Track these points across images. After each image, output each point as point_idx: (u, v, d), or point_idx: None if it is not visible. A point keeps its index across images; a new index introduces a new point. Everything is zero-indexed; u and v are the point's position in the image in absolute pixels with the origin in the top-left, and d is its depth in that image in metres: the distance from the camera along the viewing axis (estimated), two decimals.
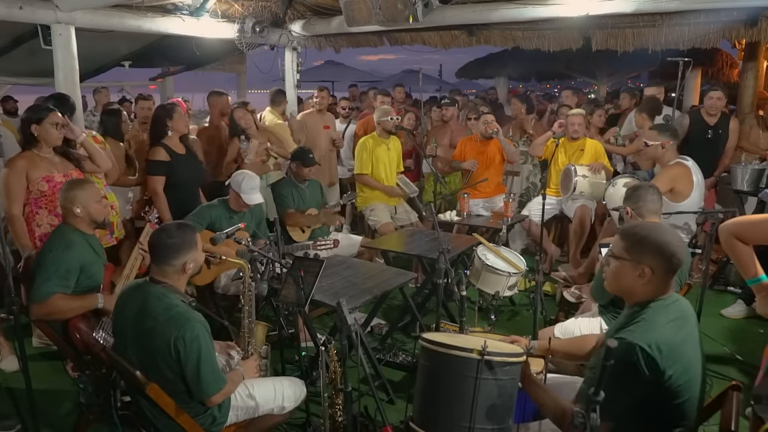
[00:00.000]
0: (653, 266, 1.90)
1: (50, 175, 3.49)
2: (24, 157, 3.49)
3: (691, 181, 3.95)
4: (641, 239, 1.94)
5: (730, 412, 1.94)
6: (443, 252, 2.92)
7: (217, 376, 2.30)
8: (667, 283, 1.94)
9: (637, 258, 1.93)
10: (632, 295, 1.99)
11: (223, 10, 5.73)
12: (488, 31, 6.23)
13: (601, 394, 1.57)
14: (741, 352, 3.86)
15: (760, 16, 5.03)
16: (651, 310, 1.91)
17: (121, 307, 2.39)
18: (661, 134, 4.13)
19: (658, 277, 1.91)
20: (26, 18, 4.41)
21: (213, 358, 2.29)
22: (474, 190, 5.29)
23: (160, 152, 4.18)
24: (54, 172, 3.52)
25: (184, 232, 2.37)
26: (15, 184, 3.41)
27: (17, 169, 3.43)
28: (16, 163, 3.46)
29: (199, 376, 2.23)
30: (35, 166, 3.46)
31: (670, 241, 1.92)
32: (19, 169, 3.43)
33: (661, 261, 1.90)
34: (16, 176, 3.42)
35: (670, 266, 1.91)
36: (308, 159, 4.49)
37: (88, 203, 2.99)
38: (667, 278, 1.93)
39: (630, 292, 1.99)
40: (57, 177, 3.51)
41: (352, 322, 2.39)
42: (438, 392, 2.07)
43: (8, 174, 3.43)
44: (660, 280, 1.92)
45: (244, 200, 3.86)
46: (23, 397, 2.91)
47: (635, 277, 1.93)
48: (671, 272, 1.93)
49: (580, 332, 3.05)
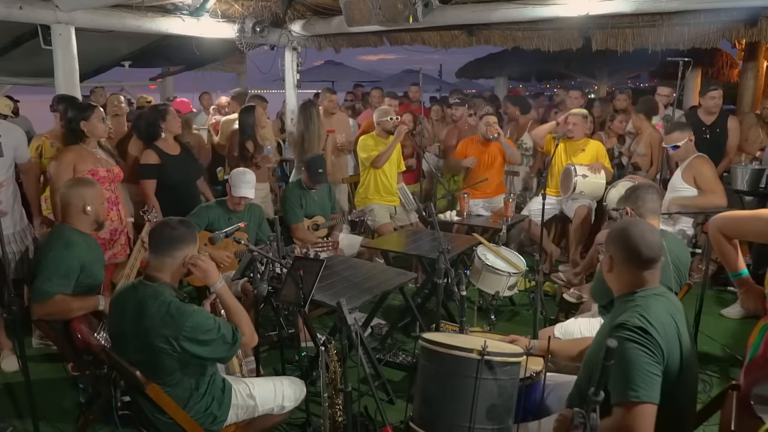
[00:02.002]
0: (613, 254, 2.00)
1: (95, 169, 3.70)
2: (72, 150, 3.69)
3: None
4: (612, 229, 2.07)
5: (730, 412, 1.94)
6: (443, 252, 2.92)
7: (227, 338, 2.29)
8: (634, 274, 1.98)
9: (606, 247, 2.05)
10: (612, 285, 2.07)
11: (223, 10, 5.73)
12: (488, 31, 6.22)
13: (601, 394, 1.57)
14: (741, 352, 3.85)
15: (760, 16, 5.02)
16: (641, 298, 1.95)
17: (117, 308, 2.39)
18: (683, 131, 4.26)
19: (620, 266, 1.99)
20: (26, 18, 4.41)
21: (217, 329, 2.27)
22: (474, 190, 5.29)
23: (151, 155, 4.23)
24: (98, 167, 3.73)
25: (186, 227, 2.40)
26: (62, 175, 3.55)
27: (66, 162, 3.62)
28: (66, 156, 3.66)
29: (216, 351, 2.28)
30: (83, 159, 3.67)
31: (637, 235, 1.96)
32: (67, 162, 3.62)
33: (620, 250, 1.98)
34: (64, 168, 3.60)
35: (631, 257, 1.96)
36: (316, 175, 4.37)
37: (96, 202, 3.04)
38: (632, 269, 1.98)
39: (609, 283, 2.08)
40: (101, 171, 3.73)
41: (352, 322, 2.40)
42: (438, 392, 2.07)
43: (57, 165, 3.64)
44: (625, 270, 1.98)
45: (233, 192, 3.87)
46: (23, 397, 2.91)
47: (607, 267, 2.03)
48: (635, 264, 1.97)
49: (580, 332, 3.05)
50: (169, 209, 4.16)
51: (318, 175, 4.36)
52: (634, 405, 1.75)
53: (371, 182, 5.14)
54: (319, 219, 4.47)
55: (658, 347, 1.80)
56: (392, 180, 5.24)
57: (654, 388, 1.77)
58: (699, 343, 3.55)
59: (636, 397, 1.75)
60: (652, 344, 1.80)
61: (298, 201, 4.38)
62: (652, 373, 1.77)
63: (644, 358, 1.77)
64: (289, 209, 4.34)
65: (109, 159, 3.88)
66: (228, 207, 3.96)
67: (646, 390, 1.75)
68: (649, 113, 5.42)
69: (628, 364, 1.78)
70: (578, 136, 5.12)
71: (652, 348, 1.79)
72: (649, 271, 1.98)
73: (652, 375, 1.77)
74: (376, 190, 5.15)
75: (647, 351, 1.79)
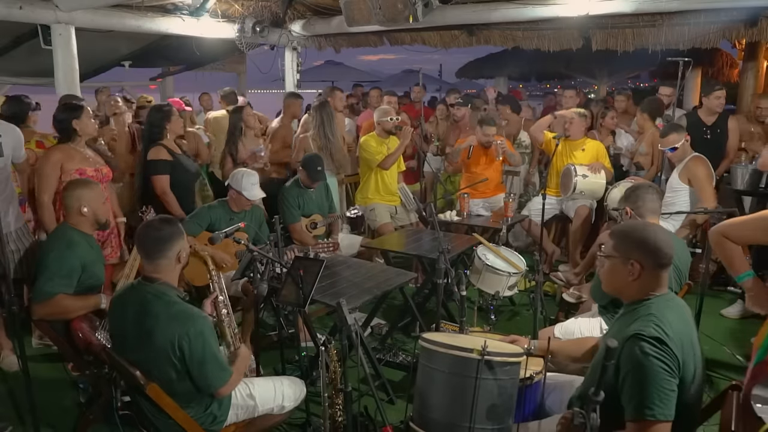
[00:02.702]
0: (641, 261, 1.93)
1: (83, 168, 3.67)
2: (60, 149, 3.67)
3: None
4: (626, 235, 1.99)
5: (730, 412, 1.93)
6: (443, 252, 2.92)
7: (223, 367, 2.30)
8: (658, 278, 1.95)
9: (625, 254, 1.96)
10: (627, 292, 2.01)
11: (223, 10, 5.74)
12: (488, 31, 6.23)
13: (601, 394, 1.57)
14: (741, 352, 3.86)
15: (760, 16, 5.02)
16: (654, 306, 1.91)
17: (117, 308, 2.38)
18: (679, 133, 4.30)
19: (647, 271, 1.93)
20: (26, 18, 4.42)
21: (218, 351, 2.29)
22: (474, 190, 5.29)
23: (162, 152, 4.19)
24: (86, 166, 3.70)
25: (170, 224, 2.37)
26: (49, 174, 3.56)
27: (53, 161, 3.60)
28: (53, 155, 3.63)
29: (205, 370, 2.24)
30: (71, 158, 3.64)
31: (655, 236, 1.94)
32: (55, 161, 3.60)
33: (647, 255, 1.93)
34: (51, 166, 3.58)
35: (657, 260, 1.93)
36: (315, 173, 4.34)
37: (95, 203, 3.02)
38: (657, 273, 1.94)
39: (624, 290, 2.01)
40: (89, 171, 3.69)
41: (352, 322, 2.39)
42: (438, 392, 2.07)
43: (44, 163, 3.61)
44: (650, 274, 1.94)
45: (246, 196, 3.84)
46: (23, 397, 2.91)
47: (626, 273, 1.95)
48: (659, 267, 1.94)
49: (580, 332, 3.05)
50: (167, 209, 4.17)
51: (317, 173, 4.35)
52: (651, 424, 1.72)
53: (372, 182, 5.14)
54: (317, 217, 4.47)
55: (675, 359, 1.76)
56: (393, 180, 5.24)
57: (670, 405, 1.73)
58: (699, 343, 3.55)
59: (652, 416, 1.71)
60: (670, 357, 1.75)
61: (296, 201, 4.38)
62: (668, 390, 1.73)
63: (662, 374, 1.73)
64: (287, 210, 4.34)
65: (97, 158, 3.85)
66: (230, 207, 3.95)
67: (662, 408, 1.71)
68: (653, 113, 5.41)
69: (646, 380, 1.73)
70: (577, 135, 5.12)
71: (670, 361, 1.75)
72: (666, 271, 1.96)
73: (669, 392, 1.73)
74: (377, 189, 5.14)
75: (665, 365, 1.74)
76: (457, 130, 6.21)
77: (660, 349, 1.75)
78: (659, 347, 1.75)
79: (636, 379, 1.74)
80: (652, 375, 1.73)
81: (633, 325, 1.85)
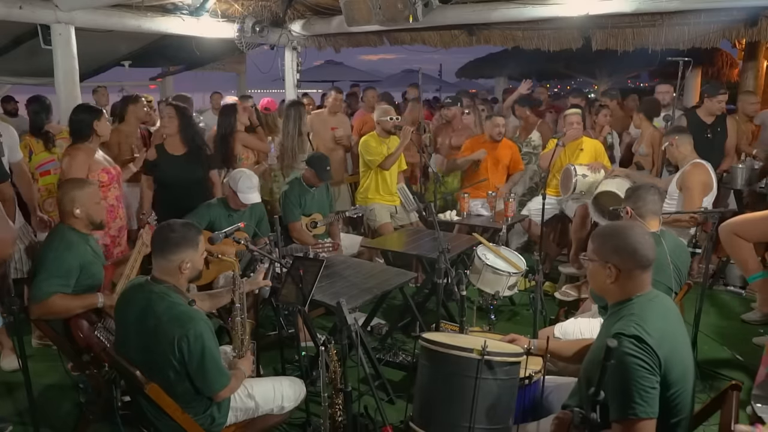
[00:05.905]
0: (618, 264, 1.94)
1: (108, 168, 3.80)
2: (81, 149, 3.70)
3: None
4: (605, 240, 2.00)
5: (730, 412, 1.93)
6: (443, 252, 2.92)
7: (222, 372, 2.30)
8: (638, 279, 1.95)
9: (603, 258, 1.97)
10: (609, 294, 2.02)
11: (223, 10, 5.73)
12: (488, 31, 6.23)
13: (601, 394, 1.57)
14: (741, 352, 3.85)
15: (760, 16, 5.02)
16: (636, 306, 1.92)
17: (123, 305, 2.39)
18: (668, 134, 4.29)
19: (625, 274, 1.94)
20: (26, 18, 4.41)
21: (217, 355, 2.29)
22: (474, 190, 5.29)
23: (151, 152, 4.30)
24: (108, 166, 3.83)
25: (187, 230, 2.37)
26: (77, 172, 3.59)
27: (80, 160, 3.64)
28: (78, 155, 3.66)
29: (204, 373, 2.24)
30: (93, 158, 3.74)
31: (633, 239, 1.94)
32: (81, 161, 3.65)
33: (624, 258, 1.93)
34: (78, 165, 3.62)
35: (635, 263, 1.93)
36: (324, 172, 4.32)
37: (87, 204, 3.00)
38: (636, 275, 1.94)
39: (606, 292, 2.02)
40: (112, 170, 3.84)
41: (352, 322, 2.39)
42: (438, 392, 2.07)
43: (70, 162, 3.63)
44: (628, 277, 1.94)
45: (241, 200, 3.85)
46: (23, 397, 2.91)
47: (605, 276, 1.97)
48: (638, 269, 1.94)
49: (580, 332, 3.05)
50: (165, 208, 4.18)
51: (326, 172, 4.35)
52: (634, 423, 1.73)
53: (372, 182, 5.14)
54: (317, 216, 4.47)
55: (655, 356, 1.76)
56: (393, 180, 5.24)
57: (652, 402, 1.74)
58: (699, 343, 3.54)
59: (634, 414, 1.73)
60: (649, 354, 1.76)
61: (297, 200, 4.37)
62: (649, 387, 1.74)
63: (640, 372, 1.74)
64: (288, 208, 4.34)
65: (107, 158, 3.91)
66: (230, 205, 3.95)
67: (644, 406, 1.73)
68: (649, 113, 5.40)
69: (626, 380, 1.74)
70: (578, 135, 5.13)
71: (649, 359, 1.75)
72: (648, 272, 1.96)
73: (649, 389, 1.74)
74: (377, 189, 5.14)
75: (644, 363, 1.75)
76: (448, 129, 6.20)
77: (638, 347, 1.76)
78: (638, 345, 1.76)
79: (618, 381, 1.75)
80: (631, 373, 1.75)
81: (616, 325, 1.87)
